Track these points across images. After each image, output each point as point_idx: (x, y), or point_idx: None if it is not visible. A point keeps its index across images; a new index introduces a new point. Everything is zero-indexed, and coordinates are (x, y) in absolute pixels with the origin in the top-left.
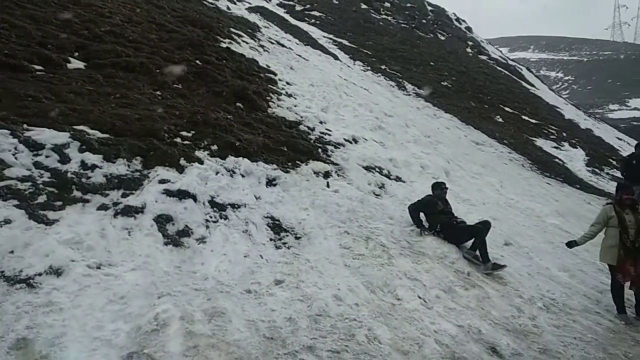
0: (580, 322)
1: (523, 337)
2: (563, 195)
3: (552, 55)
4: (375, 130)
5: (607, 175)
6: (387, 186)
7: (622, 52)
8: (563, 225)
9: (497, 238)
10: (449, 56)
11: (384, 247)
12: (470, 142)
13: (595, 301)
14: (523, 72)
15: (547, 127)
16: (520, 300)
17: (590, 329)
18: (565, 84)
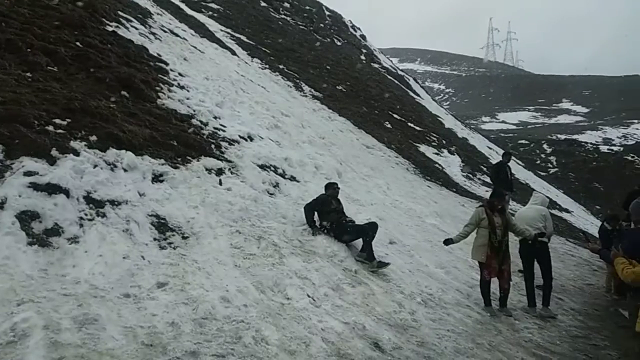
0: (454, 315)
1: (403, 331)
2: (441, 197)
3: (436, 68)
4: (272, 128)
5: (479, 181)
6: (282, 185)
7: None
8: (441, 225)
9: (382, 237)
10: (344, 61)
11: (276, 246)
12: (362, 145)
13: (467, 295)
14: (410, 82)
15: (430, 134)
16: (401, 296)
17: (462, 321)
18: (446, 96)
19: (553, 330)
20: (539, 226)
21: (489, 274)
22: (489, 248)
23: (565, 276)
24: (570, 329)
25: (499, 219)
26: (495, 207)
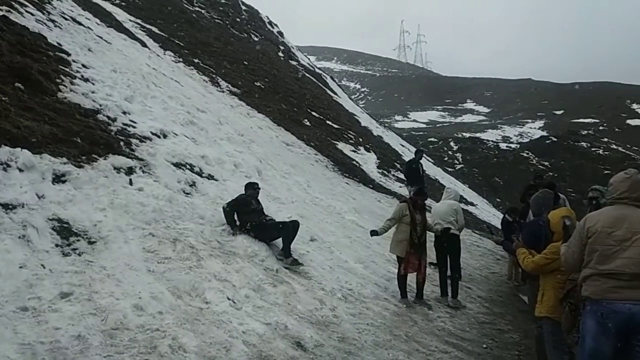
0: (372, 309)
1: (324, 328)
2: (359, 194)
3: (352, 67)
4: (187, 125)
5: (393, 177)
6: (199, 184)
7: (406, 71)
8: (359, 221)
9: (303, 234)
10: (261, 57)
11: (193, 248)
12: (281, 142)
13: (384, 288)
14: (328, 80)
15: (347, 132)
16: (322, 293)
17: (380, 314)
18: (362, 95)
19: (463, 318)
20: (450, 220)
21: (405, 269)
22: (409, 244)
23: (472, 266)
24: (478, 315)
25: (419, 216)
26: (418, 205)
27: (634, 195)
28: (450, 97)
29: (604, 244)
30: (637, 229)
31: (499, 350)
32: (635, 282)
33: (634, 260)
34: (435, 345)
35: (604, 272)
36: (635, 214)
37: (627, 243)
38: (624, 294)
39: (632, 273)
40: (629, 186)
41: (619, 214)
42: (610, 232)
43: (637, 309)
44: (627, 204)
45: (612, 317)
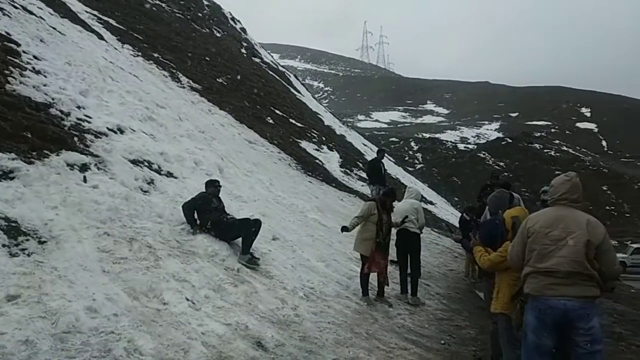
0: (334, 307)
1: (286, 327)
2: (322, 192)
3: (315, 66)
4: (145, 121)
5: (356, 176)
6: (157, 182)
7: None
8: (321, 219)
9: (265, 233)
10: (224, 53)
11: (151, 248)
12: (244, 140)
13: (346, 287)
14: (291, 78)
15: (310, 131)
16: (284, 292)
17: (342, 312)
18: (325, 94)
19: (422, 314)
20: (411, 219)
21: (369, 267)
22: (374, 244)
23: (431, 263)
24: (436, 312)
25: (386, 217)
26: (387, 205)
27: (572, 197)
28: (411, 98)
29: (541, 243)
30: (572, 229)
31: (457, 345)
32: (570, 279)
33: (567, 259)
34: (395, 342)
35: (541, 270)
36: (571, 215)
37: (562, 242)
38: (560, 291)
39: (565, 271)
40: (568, 188)
41: (557, 214)
42: (548, 232)
43: (571, 304)
44: (566, 205)
45: (549, 313)
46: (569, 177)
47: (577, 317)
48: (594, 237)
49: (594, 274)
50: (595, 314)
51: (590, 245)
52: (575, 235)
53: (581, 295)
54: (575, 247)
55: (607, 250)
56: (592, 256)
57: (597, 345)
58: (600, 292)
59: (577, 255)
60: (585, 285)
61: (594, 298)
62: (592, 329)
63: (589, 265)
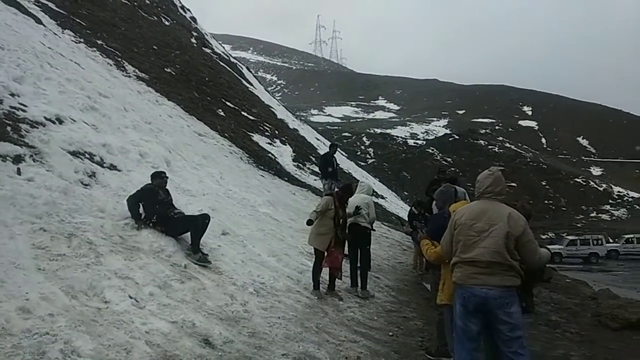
0: (284, 302)
1: (235, 324)
2: (274, 186)
3: (268, 59)
4: (87, 110)
5: (309, 170)
6: (99, 175)
7: (322, 66)
8: (273, 213)
9: (215, 228)
10: (173, 43)
11: (92, 244)
12: (193, 132)
13: (297, 281)
14: (243, 70)
15: (263, 124)
16: (234, 288)
17: (292, 307)
18: (278, 87)
19: (371, 307)
20: (362, 213)
21: (328, 262)
22: (331, 239)
23: (381, 256)
24: (385, 304)
25: (342, 212)
26: (344, 200)
27: (496, 190)
28: (364, 94)
29: (466, 234)
30: (494, 222)
31: (404, 337)
32: (491, 269)
33: (488, 250)
34: (344, 335)
35: (466, 260)
36: (495, 208)
37: (485, 234)
38: (482, 280)
39: (486, 261)
40: (491, 182)
41: (482, 207)
42: (472, 224)
43: (492, 293)
44: (490, 198)
45: (472, 300)
46: (491, 172)
47: (497, 305)
48: (514, 229)
49: (514, 264)
50: (515, 302)
51: (510, 236)
52: (497, 227)
53: (501, 284)
54: (495, 238)
55: (527, 242)
56: (512, 247)
57: (518, 331)
58: (520, 281)
59: (497, 246)
60: (505, 275)
61: (513, 287)
62: (511, 315)
63: (508, 255)
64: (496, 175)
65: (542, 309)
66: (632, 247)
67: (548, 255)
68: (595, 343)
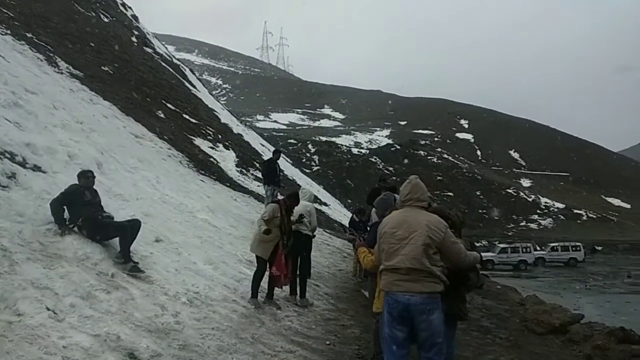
0: (219, 312)
1: (164, 336)
2: (214, 192)
3: (214, 62)
4: (9, 107)
5: (252, 176)
6: (20, 176)
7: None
8: (212, 220)
9: (148, 235)
10: (112, 40)
11: (6, 251)
12: (130, 134)
13: (234, 290)
14: (186, 72)
15: (206, 128)
16: (165, 298)
17: (227, 317)
18: (224, 91)
19: (310, 315)
20: (303, 221)
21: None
22: (280, 246)
23: (321, 264)
24: (324, 312)
25: (287, 219)
26: (291, 208)
27: (415, 197)
28: (310, 102)
29: (388, 242)
30: (414, 229)
31: (341, 345)
32: (412, 275)
33: (408, 256)
34: (281, 346)
35: (389, 267)
36: (415, 216)
37: (405, 241)
38: (404, 286)
39: (406, 267)
40: (410, 189)
41: (403, 215)
42: (393, 232)
43: (414, 299)
44: (411, 205)
45: (396, 307)
46: (409, 180)
47: (418, 311)
48: (434, 234)
49: (433, 271)
50: (436, 308)
51: (428, 243)
52: (416, 234)
53: (422, 291)
54: (415, 245)
55: (449, 246)
56: (432, 253)
57: (437, 337)
58: (444, 287)
59: (416, 253)
60: (425, 281)
61: (435, 293)
62: (431, 322)
63: (427, 262)
64: (413, 182)
65: (474, 315)
66: (557, 255)
67: (477, 256)
68: (522, 348)
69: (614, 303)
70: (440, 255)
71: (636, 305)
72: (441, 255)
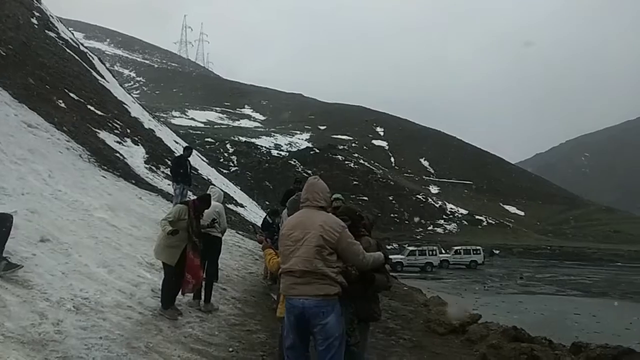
0: (110, 320)
1: (41, 348)
2: (117, 189)
3: (127, 53)
4: None
5: (163, 174)
6: None
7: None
8: (112, 219)
9: (32, 234)
10: (6, 20)
11: None
12: (21, 122)
13: (130, 295)
14: (94, 61)
15: (113, 121)
16: (46, 304)
17: (119, 324)
18: (137, 84)
19: (214, 321)
20: (215, 225)
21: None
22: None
23: (231, 266)
24: (229, 317)
25: (196, 222)
26: (201, 211)
27: (310, 197)
28: (230, 101)
29: (284, 245)
30: (308, 230)
31: (245, 352)
32: (305, 278)
33: (301, 259)
34: (178, 355)
35: (285, 270)
36: (311, 216)
37: (300, 243)
38: (298, 290)
39: (300, 270)
40: (306, 190)
41: (301, 216)
42: (289, 234)
43: (308, 303)
44: (309, 206)
45: (292, 311)
46: (308, 181)
47: (313, 315)
48: (328, 236)
49: (327, 272)
50: (332, 311)
51: (322, 244)
52: (309, 235)
53: (315, 294)
54: (308, 246)
55: (346, 247)
56: (326, 255)
57: (333, 341)
58: (340, 289)
59: (308, 254)
60: (319, 284)
61: (329, 296)
62: (325, 326)
63: (320, 263)
64: (310, 182)
65: (381, 317)
66: (460, 258)
67: (378, 257)
68: (425, 348)
69: (508, 302)
70: (338, 256)
71: (527, 305)
72: (339, 256)
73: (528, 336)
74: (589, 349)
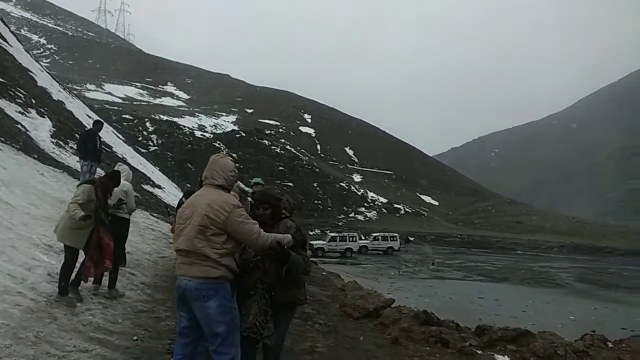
0: None
1: None
2: (15, 163)
3: (37, 17)
4: None
5: (71, 149)
6: None
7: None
8: (5, 196)
9: None
10: None
11: None
12: None
13: (21, 280)
14: None
15: (15, 89)
16: None
17: (6, 313)
18: (47, 52)
19: (118, 308)
20: (122, 206)
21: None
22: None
23: (142, 250)
24: (136, 304)
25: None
26: (109, 190)
27: (209, 174)
28: (151, 77)
29: (178, 223)
30: (197, 208)
31: (150, 340)
32: (190, 258)
33: (186, 237)
34: (74, 344)
35: (176, 249)
36: (204, 194)
37: (189, 222)
38: (183, 270)
39: (184, 250)
40: (207, 167)
41: (197, 194)
42: (182, 211)
43: (190, 284)
44: (207, 184)
45: (177, 290)
46: (210, 158)
47: (193, 297)
48: (215, 215)
49: (209, 254)
50: (215, 295)
51: (206, 224)
52: (195, 214)
53: (197, 275)
54: (192, 225)
55: (237, 227)
56: (209, 235)
57: (217, 327)
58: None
59: (192, 234)
60: (202, 265)
61: (210, 279)
62: (207, 310)
63: (202, 244)
64: (211, 160)
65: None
66: (378, 244)
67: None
68: (339, 333)
69: (420, 287)
70: (230, 237)
71: (437, 289)
72: (232, 237)
73: (437, 320)
74: (491, 331)
